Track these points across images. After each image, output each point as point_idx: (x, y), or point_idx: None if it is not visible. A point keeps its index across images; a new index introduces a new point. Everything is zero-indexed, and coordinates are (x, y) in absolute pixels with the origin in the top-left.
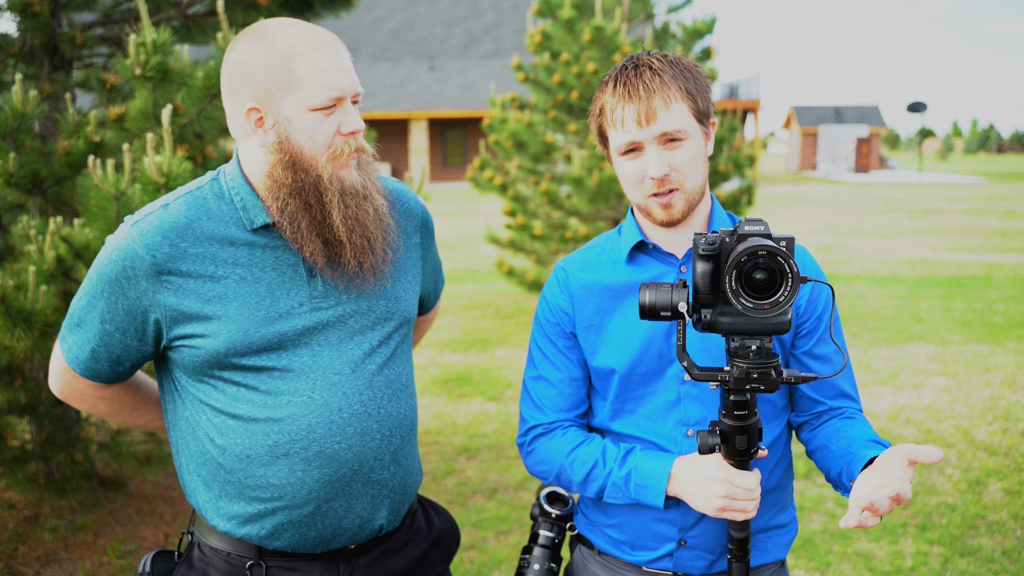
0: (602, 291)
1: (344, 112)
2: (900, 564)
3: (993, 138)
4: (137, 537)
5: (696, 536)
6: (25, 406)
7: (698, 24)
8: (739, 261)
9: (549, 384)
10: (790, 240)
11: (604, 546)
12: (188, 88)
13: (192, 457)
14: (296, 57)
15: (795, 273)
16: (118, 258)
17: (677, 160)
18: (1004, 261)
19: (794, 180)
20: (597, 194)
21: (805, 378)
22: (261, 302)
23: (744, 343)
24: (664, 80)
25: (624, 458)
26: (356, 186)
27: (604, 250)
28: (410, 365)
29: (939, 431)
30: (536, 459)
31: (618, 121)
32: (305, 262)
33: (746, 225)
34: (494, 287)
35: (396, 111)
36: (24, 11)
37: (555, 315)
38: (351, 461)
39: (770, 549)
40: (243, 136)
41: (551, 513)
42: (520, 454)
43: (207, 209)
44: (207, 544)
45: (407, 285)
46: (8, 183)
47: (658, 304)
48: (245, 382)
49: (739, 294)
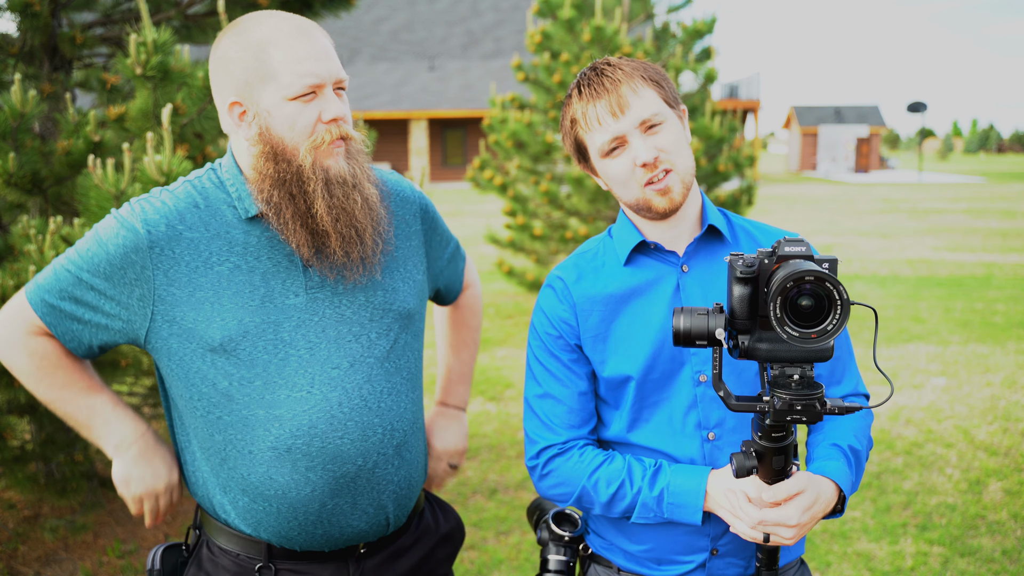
0: (605, 299)
1: (324, 100)
2: (900, 564)
3: (993, 138)
4: (137, 537)
5: (727, 543)
6: (25, 406)
7: (698, 24)
8: (784, 287)
9: (557, 401)
10: (833, 262)
11: (626, 564)
12: (188, 88)
13: (195, 454)
14: (270, 47)
15: (845, 300)
16: (115, 229)
17: (662, 142)
18: (1004, 261)
19: (794, 180)
20: (597, 194)
21: (850, 408)
22: (256, 291)
23: (785, 371)
24: (625, 71)
25: (655, 477)
26: (343, 175)
27: (598, 255)
28: (415, 359)
29: (939, 431)
30: (553, 481)
31: (592, 121)
32: (297, 252)
33: (786, 246)
34: (494, 287)
35: (396, 111)
36: (24, 11)
37: (557, 328)
38: (354, 457)
39: (792, 548)
40: (231, 131)
41: (562, 536)
42: (531, 477)
43: (205, 198)
44: (215, 544)
45: (406, 276)
46: (8, 183)
47: (694, 331)
48: (242, 374)
49: (784, 322)
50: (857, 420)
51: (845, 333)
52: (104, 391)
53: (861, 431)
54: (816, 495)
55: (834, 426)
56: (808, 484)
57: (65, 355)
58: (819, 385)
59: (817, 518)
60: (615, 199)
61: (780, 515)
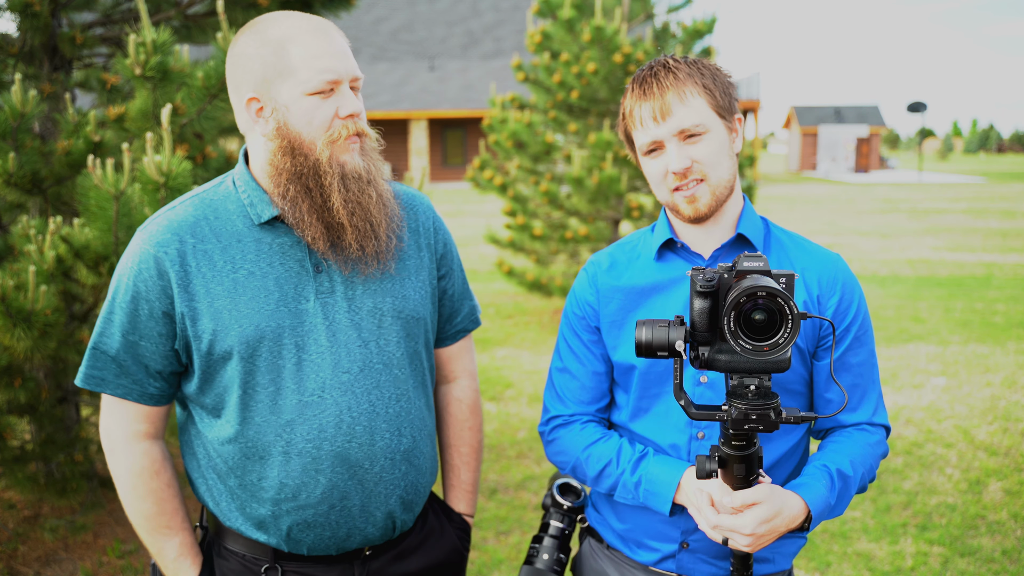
0: (629, 289)
1: (341, 96)
2: (900, 564)
3: (993, 138)
4: (137, 537)
5: (698, 540)
6: (25, 406)
7: (698, 24)
8: (738, 302)
9: (572, 376)
10: (790, 277)
11: (612, 541)
12: (188, 88)
13: (203, 460)
14: (289, 44)
15: (795, 314)
16: (132, 264)
17: (698, 153)
18: (1004, 261)
19: (794, 180)
20: (597, 194)
21: (805, 417)
22: (270, 295)
23: (743, 382)
24: (679, 77)
25: (637, 462)
26: (359, 170)
27: (636, 247)
28: (424, 365)
29: (939, 431)
30: (556, 449)
31: (638, 121)
32: (311, 258)
33: (745, 261)
34: (494, 287)
35: (396, 111)
36: (24, 11)
37: (582, 309)
38: (362, 460)
39: (776, 560)
40: (248, 129)
41: (563, 504)
42: (541, 441)
43: (214, 208)
44: (222, 545)
45: (417, 285)
46: (8, 183)
47: (655, 342)
48: (257, 379)
49: (737, 335)
50: (863, 447)
51: (869, 360)
52: (180, 534)
53: (861, 459)
54: (778, 509)
55: (836, 448)
56: (769, 497)
57: (158, 474)
58: (775, 395)
59: (778, 532)
60: (615, 200)
61: (735, 523)
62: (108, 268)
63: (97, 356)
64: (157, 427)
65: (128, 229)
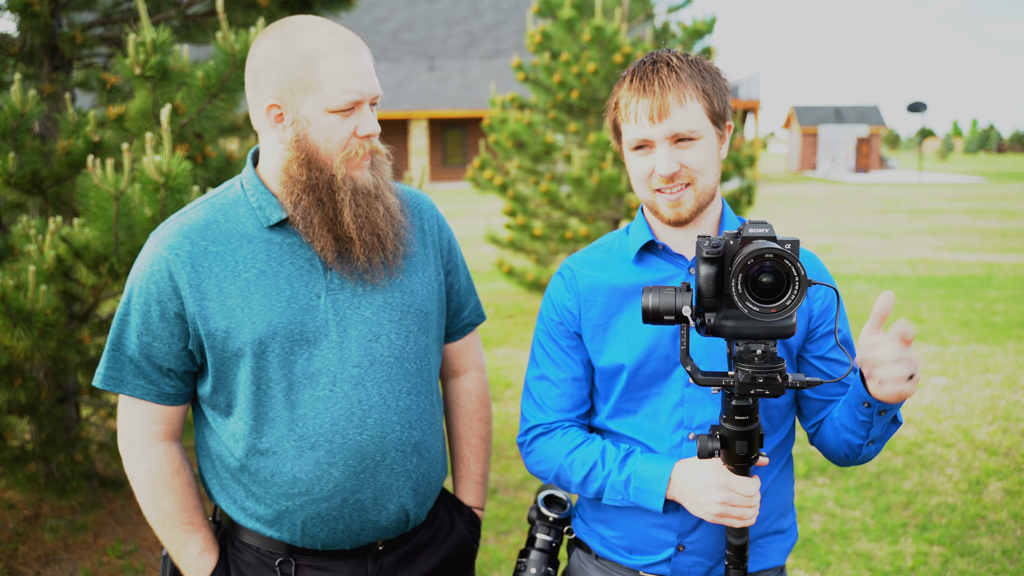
0: (609, 291)
1: (361, 115)
2: (900, 564)
3: (993, 138)
4: (137, 537)
5: (695, 542)
6: (25, 406)
7: (698, 24)
8: (745, 264)
9: (551, 383)
10: (795, 242)
11: (601, 550)
12: (188, 88)
13: (216, 460)
14: (319, 59)
15: (802, 276)
16: (145, 268)
17: (688, 158)
18: (1004, 261)
19: (794, 180)
20: (597, 194)
21: (811, 382)
22: (281, 293)
23: (749, 347)
24: (681, 78)
25: (624, 460)
26: (368, 186)
27: (611, 249)
28: (433, 360)
29: (939, 431)
30: (536, 459)
31: (631, 115)
32: (320, 256)
33: (751, 228)
34: (494, 287)
35: (396, 111)
36: (24, 11)
37: (560, 314)
38: (373, 452)
39: (769, 555)
40: (263, 129)
41: (548, 516)
42: (520, 453)
43: (224, 212)
44: (237, 538)
45: (424, 281)
46: (8, 183)
47: (661, 308)
48: (270, 376)
49: (745, 298)
50: None
51: (852, 343)
52: (202, 530)
53: None
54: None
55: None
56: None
57: (178, 472)
58: (781, 360)
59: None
60: (615, 200)
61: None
62: (108, 268)
63: (115, 357)
64: (174, 428)
65: (128, 229)
